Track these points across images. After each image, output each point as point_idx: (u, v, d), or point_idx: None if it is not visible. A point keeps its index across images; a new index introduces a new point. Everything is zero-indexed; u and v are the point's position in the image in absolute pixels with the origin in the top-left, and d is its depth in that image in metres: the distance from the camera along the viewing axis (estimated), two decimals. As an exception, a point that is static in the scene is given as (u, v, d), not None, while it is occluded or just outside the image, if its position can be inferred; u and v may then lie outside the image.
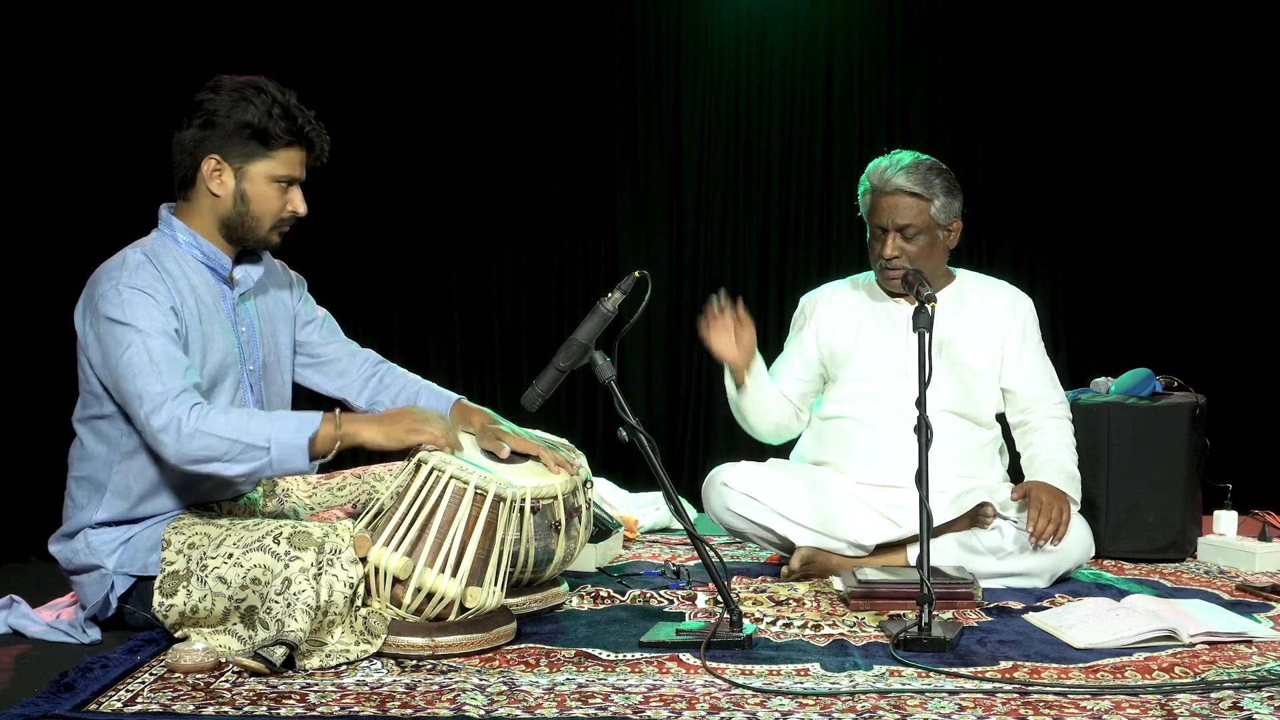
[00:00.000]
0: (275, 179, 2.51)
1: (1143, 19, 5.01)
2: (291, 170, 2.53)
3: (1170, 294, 5.03)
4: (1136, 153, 5.04)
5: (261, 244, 2.58)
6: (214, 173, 2.49)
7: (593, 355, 2.55)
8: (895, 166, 3.19)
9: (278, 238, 2.58)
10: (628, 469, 4.60)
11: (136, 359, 2.34)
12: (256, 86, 2.48)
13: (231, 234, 2.55)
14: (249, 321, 2.62)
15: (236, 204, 2.51)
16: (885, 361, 3.27)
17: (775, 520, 3.22)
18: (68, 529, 2.53)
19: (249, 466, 2.34)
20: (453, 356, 4.99)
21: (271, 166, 2.50)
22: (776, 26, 5.09)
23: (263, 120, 2.46)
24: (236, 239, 2.56)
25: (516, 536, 2.42)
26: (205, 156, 2.48)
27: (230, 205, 2.51)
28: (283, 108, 2.48)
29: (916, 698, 2.06)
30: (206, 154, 2.48)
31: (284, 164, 2.51)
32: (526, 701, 2.02)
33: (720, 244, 5.12)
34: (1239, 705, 2.05)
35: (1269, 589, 3.03)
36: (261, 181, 2.50)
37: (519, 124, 5.00)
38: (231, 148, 2.48)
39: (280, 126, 2.48)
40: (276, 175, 2.51)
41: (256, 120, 2.46)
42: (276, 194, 2.52)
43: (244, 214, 2.52)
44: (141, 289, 2.39)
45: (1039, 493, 3.06)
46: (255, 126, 2.46)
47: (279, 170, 2.51)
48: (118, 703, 1.99)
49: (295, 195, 2.55)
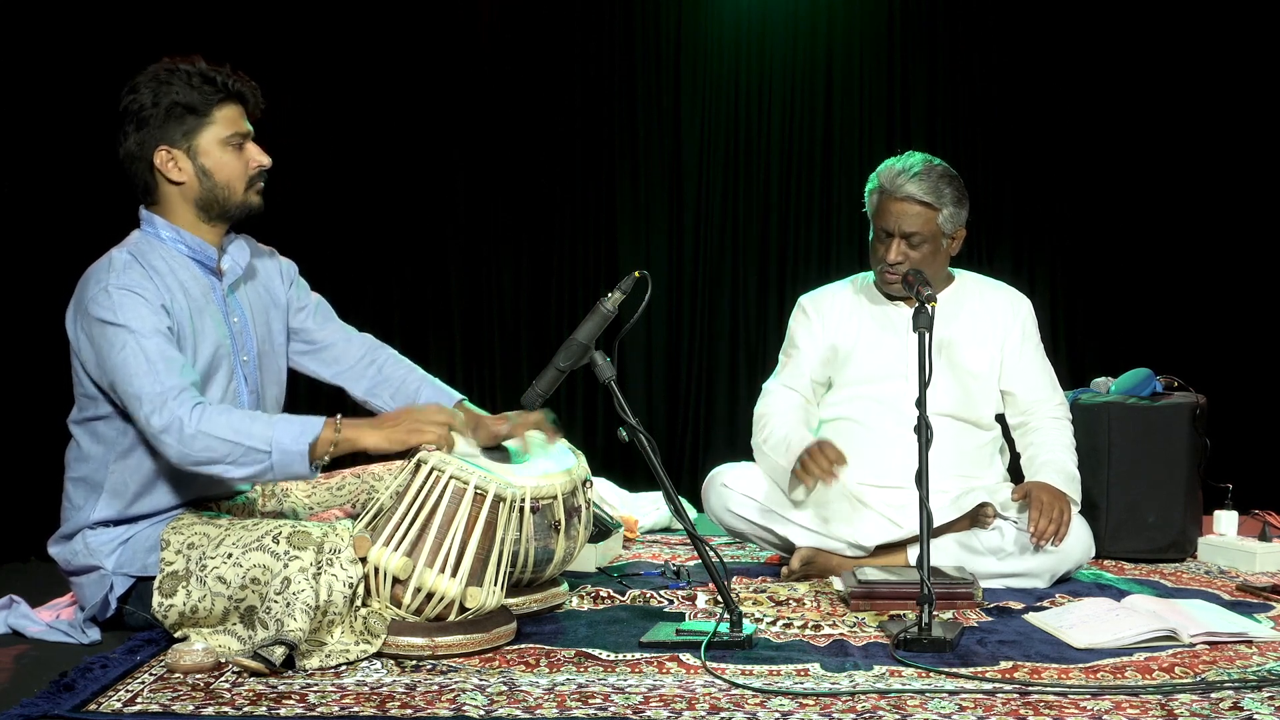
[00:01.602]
0: (225, 141, 2.51)
1: (1142, 19, 5.01)
2: (235, 127, 2.52)
3: (1170, 294, 5.02)
4: (1136, 153, 5.04)
5: (243, 208, 2.56)
6: (168, 162, 2.49)
7: (593, 355, 2.54)
8: (908, 172, 3.15)
9: (257, 196, 2.57)
10: (628, 469, 4.60)
11: (132, 360, 2.34)
12: (167, 68, 2.49)
13: (210, 212, 2.54)
14: (240, 312, 2.62)
15: (201, 181, 2.51)
16: (884, 364, 3.26)
17: (775, 521, 3.21)
18: (66, 530, 2.53)
19: (250, 470, 2.33)
20: (453, 356, 4.99)
21: (216, 131, 2.50)
22: (776, 26, 5.09)
23: (185, 93, 2.47)
24: (218, 215, 2.55)
25: (516, 536, 2.42)
26: (154, 152, 2.49)
27: (196, 185, 2.51)
28: (200, 75, 2.49)
29: (916, 698, 2.06)
30: (154, 149, 2.48)
31: (225, 124, 2.51)
32: (526, 701, 2.02)
33: (720, 244, 5.12)
34: (1239, 705, 2.05)
35: (1269, 589, 3.03)
36: (215, 150, 2.50)
37: (519, 124, 5.00)
38: (172, 132, 2.48)
39: (205, 91, 2.48)
40: (223, 137, 2.50)
41: (182, 96, 2.47)
42: (234, 156, 2.52)
43: (213, 188, 2.51)
44: (130, 289, 2.39)
45: (1039, 493, 3.06)
46: (182, 102, 2.47)
47: (224, 131, 2.50)
48: (118, 703, 1.99)
49: (252, 149, 2.55)
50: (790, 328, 3.43)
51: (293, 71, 4.53)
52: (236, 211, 2.56)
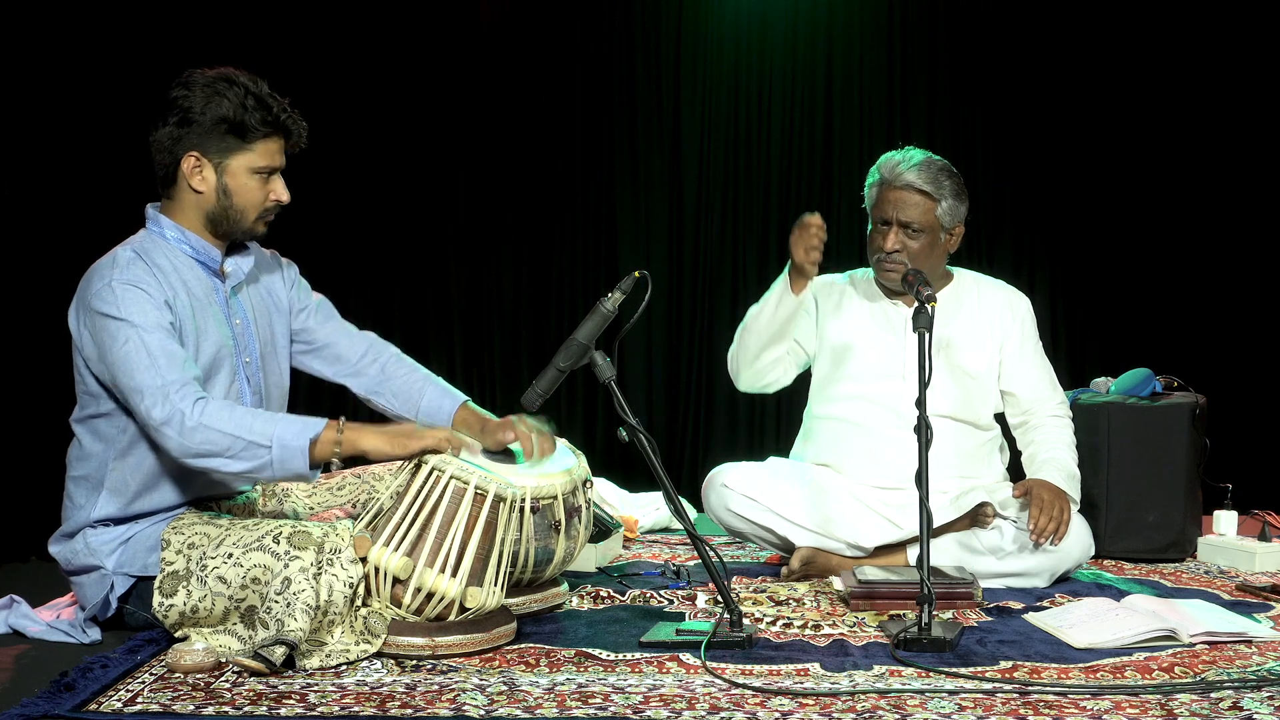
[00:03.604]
0: (256, 170, 2.51)
1: (1143, 19, 5.01)
2: (271, 160, 2.52)
3: (1170, 294, 5.02)
4: (1136, 153, 5.04)
5: (248, 235, 2.58)
6: (194, 169, 2.49)
7: (593, 355, 2.55)
8: (908, 162, 3.17)
9: (264, 227, 2.58)
10: (628, 469, 4.59)
11: (134, 354, 2.35)
12: (228, 79, 2.48)
13: (218, 228, 2.55)
14: (243, 313, 2.62)
15: (219, 198, 2.51)
16: (882, 363, 3.26)
17: (775, 521, 3.21)
18: (67, 529, 2.53)
19: (250, 464, 2.33)
20: (453, 356, 4.99)
21: (251, 159, 2.50)
22: (776, 26, 5.09)
23: (238, 113, 2.46)
24: (223, 233, 2.56)
25: (516, 536, 2.42)
26: (185, 154, 2.48)
27: (213, 200, 2.51)
28: (256, 99, 2.47)
29: (916, 698, 2.06)
30: (185, 151, 2.48)
31: (263, 155, 2.50)
32: (526, 701, 2.03)
33: (720, 244, 5.12)
34: (1239, 705, 2.05)
35: (1269, 589, 3.03)
36: (242, 175, 2.50)
37: (519, 124, 5.00)
38: (209, 143, 2.48)
39: (256, 118, 2.47)
40: (256, 167, 2.50)
41: (232, 114, 2.45)
42: (258, 185, 2.52)
43: (228, 208, 2.52)
44: (134, 284, 2.40)
45: (1040, 491, 3.06)
46: (231, 120, 2.46)
47: (258, 162, 2.50)
48: (118, 703, 1.99)
49: (277, 184, 2.55)
50: None
51: (293, 71, 4.50)
52: (241, 236, 2.58)
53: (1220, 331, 4.97)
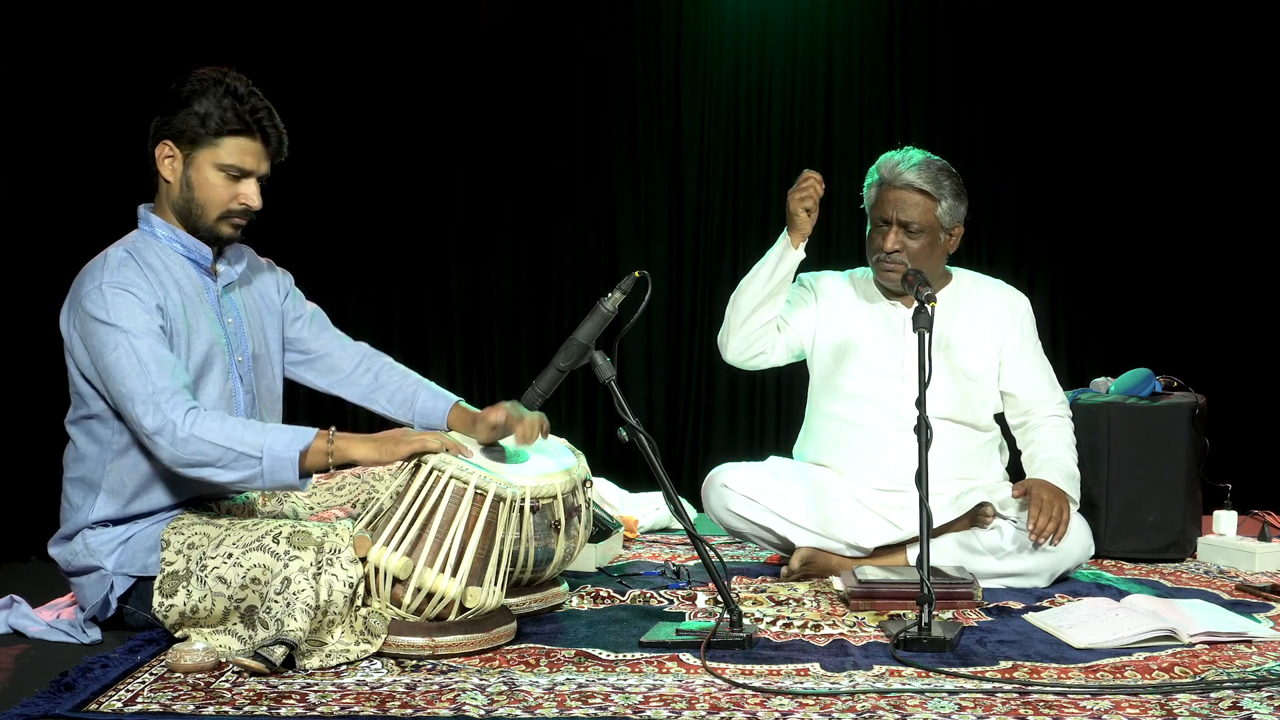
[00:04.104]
0: (220, 167, 2.49)
1: (1143, 20, 5.01)
2: (239, 160, 2.50)
3: (1170, 294, 5.03)
4: (1136, 153, 5.04)
5: (211, 234, 2.55)
6: (166, 158, 2.50)
7: (593, 355, 2.55)
8: (907, 162, 3.18)
9: (230, 229, 2.55)
10: (628, 469, 4.60)
11: (125, 360, 2.35)
12: (216, 77, 2.49)
13: (185, 222, 2.54)
14: (235, 313, 2.62)
15: (183, 190, 2.51)
16: (880, 364, 3.26)
17: (775, 521, 3.21)
18: (66, 531, 2.53)
19: (241, 474, 2.34)
20: (453, 356, 4.99)
21: (216, 154, 2.49)
22: (776, 27, 5.09)
23: (209, 107, 2.46)
24: (190, 228, 2.54)
25: (516, 536, 2.42)
26: (160, 142, 2.50)
27: (178, 191, 2.51)
28: (234, 96, 2.47)
29: (916, 698, 2.06)
30: (161, 139, 2.49)
31: (231, 153, 2.49)
32: (526, 701, 2.03)
33: (720, 244, 5.12)
34: (1239, 705, 2.05)
35: (1269, 589, 3.03)
36: (207, 168, 2.49)
37: (519, 124, 5.00)
38: (182, 134, 2.48)
39: (227, 114, 2.46)
40: (222, 163, 2.49)
41: (203, 108, 2.46)
42: (222, 182, 2.50)
43: (189, 200, 2.51)
44: (124, 287, 2.40)
45: (1040, 490, 3.06)
46: (200, 113, 2.46)
47: (225, 159, 2.49)
48: (118, 703, 1.99)
49: (246, 187, 2.52)
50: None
51: (292, 72, 4.53)
52: (204, 233, 2.55)
53: (1220, 331, 4.97)
